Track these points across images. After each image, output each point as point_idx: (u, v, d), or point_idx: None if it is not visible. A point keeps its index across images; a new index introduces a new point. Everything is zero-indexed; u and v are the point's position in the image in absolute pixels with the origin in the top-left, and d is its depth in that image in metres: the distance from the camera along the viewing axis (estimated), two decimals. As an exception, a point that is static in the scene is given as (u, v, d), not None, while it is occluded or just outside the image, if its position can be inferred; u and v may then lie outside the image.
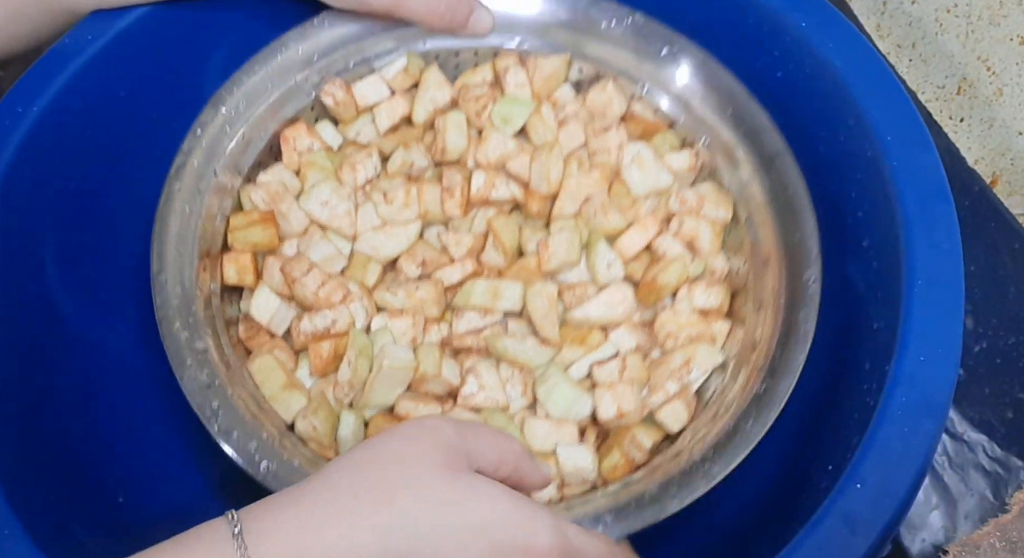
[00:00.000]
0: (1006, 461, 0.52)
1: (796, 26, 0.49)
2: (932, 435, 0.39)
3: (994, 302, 0.57)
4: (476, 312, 0.49)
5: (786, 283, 0.46)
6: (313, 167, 0.52)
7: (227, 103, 0.50)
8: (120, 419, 0.47)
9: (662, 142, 0.53)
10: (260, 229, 0.49)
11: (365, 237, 0.50)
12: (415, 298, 0.49)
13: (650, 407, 0.47)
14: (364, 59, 0.54)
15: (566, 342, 0.49)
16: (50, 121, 0.46)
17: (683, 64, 0.53)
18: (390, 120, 0.54)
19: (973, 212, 0.44)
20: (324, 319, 0.47)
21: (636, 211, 0.51)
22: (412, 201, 0.51)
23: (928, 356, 0.40)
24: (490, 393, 0.47)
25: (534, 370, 0.48)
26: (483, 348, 0.48)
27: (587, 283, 0.50)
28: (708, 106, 0.52)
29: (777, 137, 0.49)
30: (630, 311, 0.49)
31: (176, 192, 0.47)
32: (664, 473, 0.42)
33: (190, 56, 0.52)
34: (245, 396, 0.44)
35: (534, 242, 0.51)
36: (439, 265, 0.50)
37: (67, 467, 0.43)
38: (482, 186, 0.51)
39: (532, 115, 0.53)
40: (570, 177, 0.52)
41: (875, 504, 0.37)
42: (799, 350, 0.44)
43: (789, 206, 0.48)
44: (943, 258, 0.42)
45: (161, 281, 0.45)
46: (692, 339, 0.48)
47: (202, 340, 0.44)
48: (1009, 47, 0.66)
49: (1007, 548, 0.40)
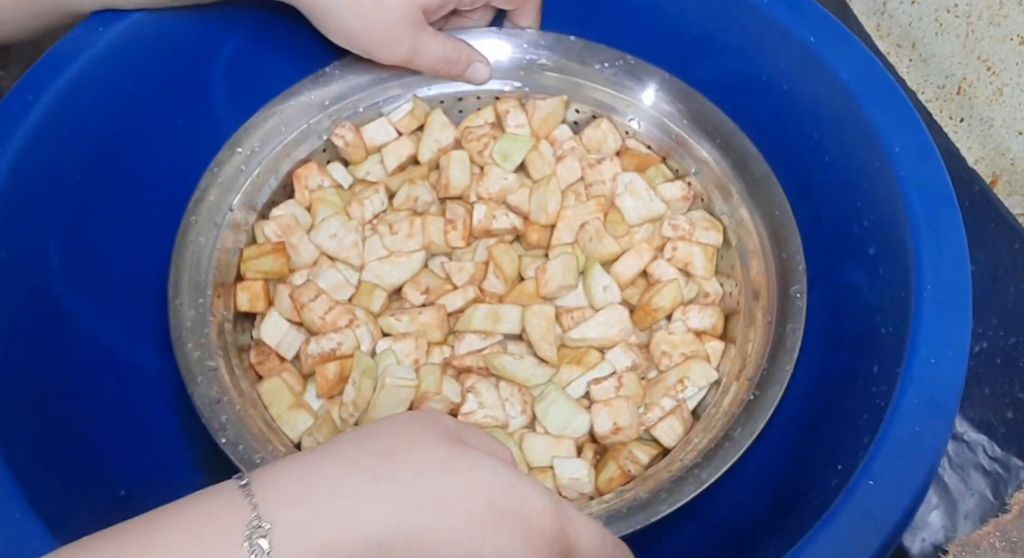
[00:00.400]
0: (1006, 461, 0.52)
1: (804, 39, 0.50)
2: (942, 434, 0.39)
3: (994, 302, 0.57)
4: (477, 335, 0.51)
5: (775, 299, 0.48)
6: (323, 203, 0.55)
7: (243, 144, 0.54)
8: (122, 416, 0.48)
9: (656, 174, 0.56)
10: (272, 259, 0.52)
11: (371, 267, 0.53)
12: (419, 323, 0.51)
13: (646, 424, 0.48)
14: (373, 104, 0.58)
15: (564, 362, 0.50)
16: (60, 113, 0.48)
17: (674, 101, 0.55)
18: (397, 160, 0.57)
19: (973, 212, 0.45)
20: (330, 342, 0.49)
21: (631, 238, 0.53)
22: (416, 232, 0.54)
23: (938, 358, 0.41)
24: (490, 411, 0.48)
25: (532, 389, 0.49)
26: (483, 369, 0.50)
27: (584, 307, 0.52)
28: (697, 138, 0.54)
29: (762, 163, 0.51)
30: (626, 332, 0.51)
31: (192, 224, 0.50)
32: (656, 481, 0.43)
33: (197, 55, 0.54)
34: (254, 415, 0.46)
35: (533, 269, 0.53)
36: (442, 292, 0.53)
37: (71, 459, 0.44)
38: (483, 217, 0.54)
39: (531, 151, 0.56)
40: (567, 208, 0.54)
41: (888, 499, 0.37)
42: (786, 360, 0.45)
43: (776, 227, 0.50)
44: (951, 264, 0.43)
45: (176, 305, 0.47)
46: (687, 357, 0.50)
47: (213, 360, 0.47)
48: (1009, 47, 0.65)
49: (1007, 548, 0.40)
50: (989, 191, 0.61)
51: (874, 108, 0.47)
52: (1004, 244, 0.59)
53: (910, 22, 0.73)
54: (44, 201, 0.48)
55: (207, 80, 0.54)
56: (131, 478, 0.45)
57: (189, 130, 0.53)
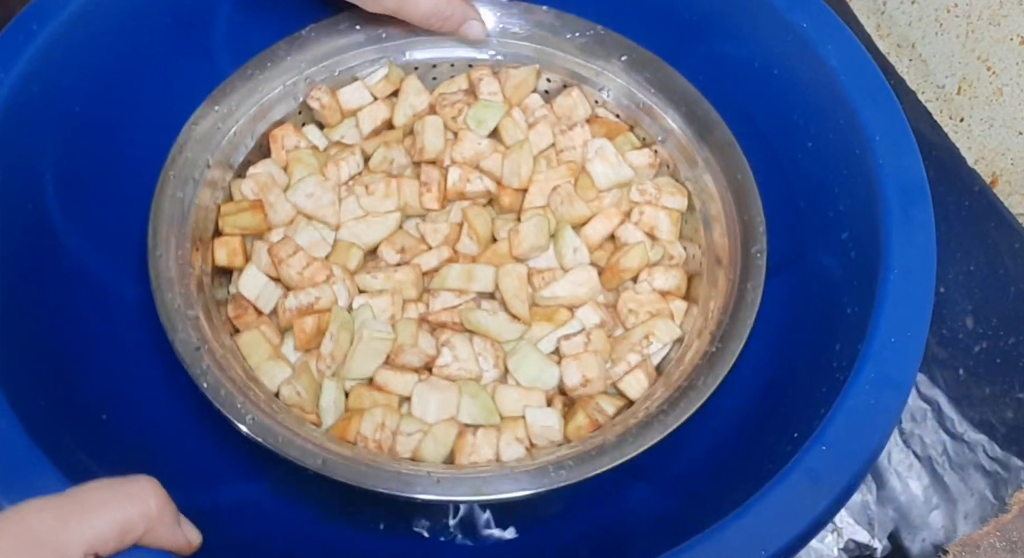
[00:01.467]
0: (1006, 461, 0.52)
1: (797, 26, 0.52)
2: (895, 408, 0.41)
3: (994, 302, 0.58)
4: (451, 293, 0.52)
5: (736, 258, 0.50)
6: (300, 163, 0.55)
7: (220, 103, 0.54)
8: (106, 342, 0.49)
9: (624, 142, 0.58)
10: (250, 215, 0.52)
11: (348, 226, 0.54)
12: (394, 280, 0.52)
13: (613, 378, 0.50)
14: (348, 69, 0.59)
15: (535, 320, 0.52)
16: (62, 42, 0.49)
17: (641, 70, 0.57)
18: (372, 123, 0.58)
19: (973, 212, 0.46)
20: (308, 296, 0.50)
21: (600, 202, 0.55)
22: (392, 193, 0.55)
23: (898, 337, 0.43)
24: (463, 364, 0.50)
25: (504, 344, 0.51)
26: (458, 324, 0.51)
27: (555, 268, 0.54)
28: (663, 107, 0.57)
29: (726, 130, 0.54)
30: (595, 291, 0.53)
31: (171, 178, 0.51)
32: (623, 427, 0.45)
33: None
34: (234, 363, 0.47)
35: (506, 231, 0.54)
36: (417, 252, 0.54)
37: (55, 378, 0.45)
38: (458, 180, 0.55)
39: (504, 118, 0.57)
40: (539, 173, 0.56)
41: (837, 463, 0.40)
42: (747, 315, 0.47)
43: (739, 191, 0.52)
44: (919, 252, 0.45)
45: (156, 255, 0.48)
46: (652, 315, 0.52)
47: (193, 310, 0.47)
48: (1009, 47, 0.66)
49: (1007, 548, 0.41)
50: (989, 191, 0.62)
51: (859, 97, 0.49)
52: (1004, 244, 0.60)
53: (910, 22, 0.73)
54: (43, 127, 0.48)
55: (210, 20, 0.55)
56: (113, 404, 0.47)
57: (187, 71, 0.54)
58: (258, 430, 0.43)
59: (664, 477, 0.49)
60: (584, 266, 0.53)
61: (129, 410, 0.49)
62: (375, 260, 0.55)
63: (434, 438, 0.47)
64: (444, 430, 0.47)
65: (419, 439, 0.47)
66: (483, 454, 0.46)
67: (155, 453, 0.49)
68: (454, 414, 0.48)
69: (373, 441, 0.46)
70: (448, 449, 0.47)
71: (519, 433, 0.47)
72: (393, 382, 0.49)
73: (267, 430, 0.43)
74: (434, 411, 0.48)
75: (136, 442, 0.48)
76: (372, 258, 0.55)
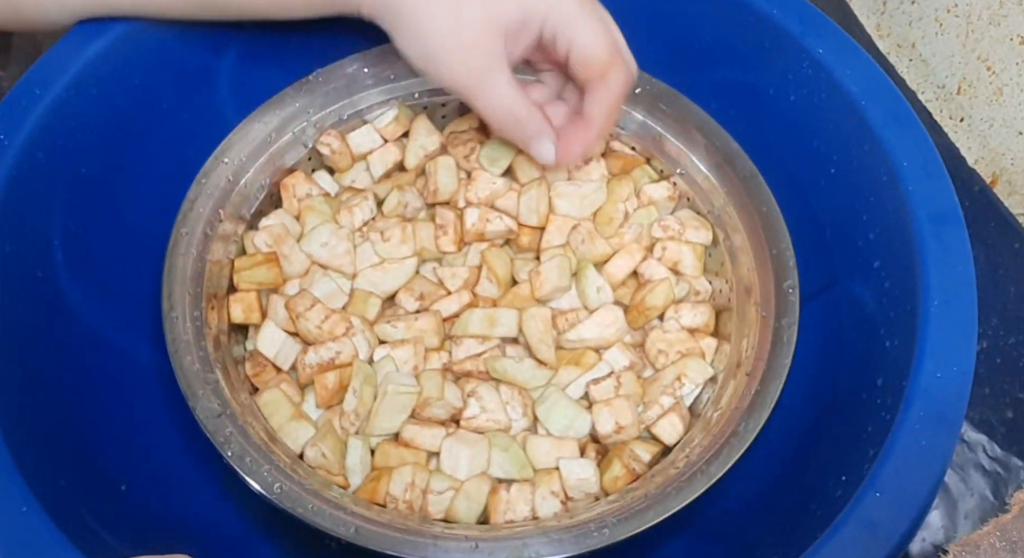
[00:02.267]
0: (1006, 461, 0.52)
1: (813, 51, 0.51)
2: (947, 447, 0.40)
3: (994, 302, 0.57)
4: (474, 339, 0.51)
5: (768, 295, 0.49)
6: (312, 211, 0.54)
7: (229, 154, 0.53)
8: (122, 410, 0.48)
9: (641, 175, 0.56)
10: (264, 269, 0.51)
11: (364, 274, 0.53)
12: (415, 329, 0.51)
13: (646, 422, 0.49)
14: (356, 112, 0.57)
15: (562, 364, 0.51)
16: (66, 106, 0.48)
17: (657, 102, 0.56)
18: (383, 166, 0.57)
19: (973, 212, 0.45)
20: (328, 351, 0.49)
21: (621, 238, 0.54)
22: (408, 238, 0.54)
23: (944, 373, 0.41)
24: (492, 415, 0.48)
25: (532, 391, 0.50)
26: (483, 372, 0.50)
27: (578, 309, 0.52)
28: (681, 139, 0.55)
29: (747, 161, 0.52)
30: (621, 331, 0.51)
31: (183, 236, 0.50)
32: (664, 477, 0.44)
33: (204, 50, 0.54)
34: (256, 426, 0.46)
35: (526, 272, 0.53)
36: (436, 298, 0.53)
37: (71, 452, 0.44)
38: (477, 221, 0.54)
39: (517, 155, 0.56)
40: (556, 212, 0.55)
41: (894, 511, 0.38)
42: (784, 355, 0.46)
43: (765, 223, 0.51)
44: (958, 280, 0.44)
45: (172, 318, 0.47)
46: (682, 355, 0.50)
47: (212, 372, 0.46)
48: (1009, 47, 0.65)
49: (1007, 548, 0.40)
50: (989, 191, 0.62)
51: (882, 122, 0.48)
52: (1004, 244, 0.59)
53: (910, 22, 0.73)
54: (49, 193, 0.47)
55: (213, 76, 0.54)
56: (133, 474, 0.45)
57: (193, 126, 0.53)
58: (287, 500, 0.42)
59: (706, 526, 0.47)
60: (609, 306, 0.52)
61: (148, 477, 0.47)
62: (393, 308, 0.53)
63: (467, 496, 0.45)
64: (476, 487, 0.46)
65: (451, 497, 0.45)
66: (519, 512, 0.45)
67: (175, 521, 0.47)
68: (485, 469, 0.47)
69: (404, 502, 0.45)
70: (482, 507, 0.45)
71: (554, 487, 0.46)
72: (420, 437, 0.47)
73: (296, 499, 0.42)
74: (465, 466, 0.46)
75: (157, 511, 0.47)
76: (390, 305, 0.54)
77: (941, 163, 0.48)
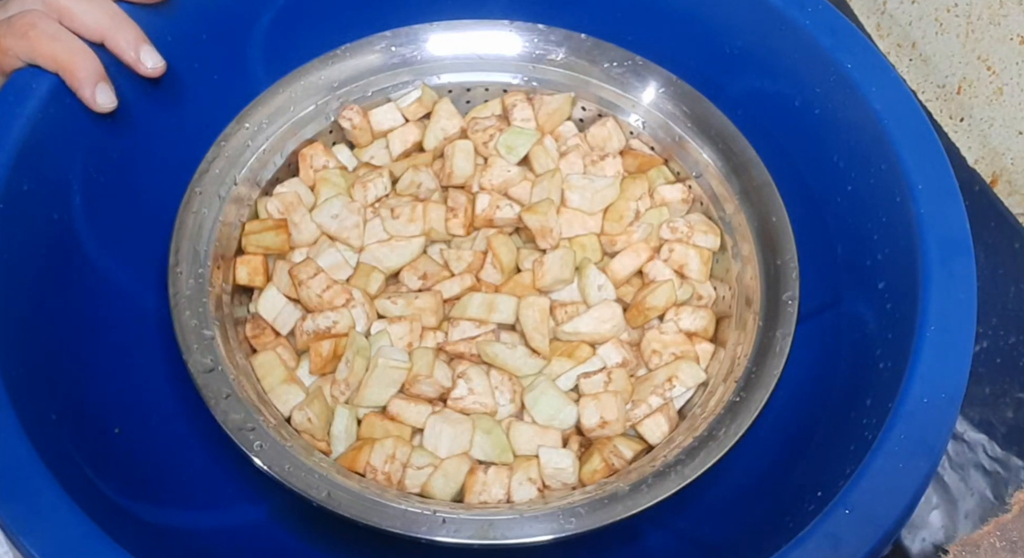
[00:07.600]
0: (1006, 461, 0.52)
1: (842, 66, 0.51)
2: (925, 473, 0.40)
3: (994, 302, 0.57)
4: (471, 322, 0.51)
5: (766, 304, 0.49)
6: (327, 183, 0.55)
7: (251, 119, 0.54)
8: (123, 356, 0.49)
9: (657, 175, 0.56)
10: (273, 234, 0.52)
11: (371, 249, 0.53)
12: (414, 307, 0.51)
13: (632, 420, 0.49)
14: (381, 89, 0.58)
15: (555, 355, 0.51)
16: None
17: (679, 103, 0.56)
18: (402, 145, 0.58)
19: (973, 212, 0.44)
20: (326, 320, 0.50)
21: (629, 236, 0.54)
22: (418, 217, 0.54)
23: (931, 398, 0.41)
24: (479, 398, 0.48)
25: (523, 379, 0.50)
26: (476, 356, 0.50)
27: (578, 302, 0.53)
28: (699, 142, 0.55)
29: (763, 169, 0.52)
30: (618, 328, 0.51)
31: (196, 194, 0.51)
32: (639, 474, 0.44)
33: (241, 12, 0.56)
34: (247, 386, 0.47)
35: (530, 261, 0.53)
36: (439, 279, 0.53)
37: (69, 392, 0.45)
38: (487, 206, 0.54)
39: (535, 145, 0.56)
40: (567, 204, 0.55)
41: (860, 530, 0.38)
42: (775, 365, 0.46)
43: (773, 234, 0.51)
44: (958, 309, 0.43)
45: (176, 273, 0.48)
46: (677, 357, 0.50)
47: (209, 329, 0.47)
48: (1009, 47, 0.65)
49: (1007, 548, 0.40)
50: (989, 191, 0.61)
51: (903, 142, 0.47)
52: (1004, 244, 0.59)
53: (910, 22, 0.73)
54: (73, 138, 0.49)
55: (247, 35, 0.55)
56: (127, 419, 0.46)
57: (221, 89, 0.54)
58: (266, 458, 0.42)
59: (682, 525, 0.47)
60: (609, 302, 0.52)
61: (140, 424, 0.48)
62: (396, 285, 0.54)
63: (444, 473, 0.46)
64: (455, 466, 0.46)
65: (429, 473, 0.46)
66: (494, 494, 0.45)
67: (163, 469, 0.48)
68: (466, 449, 0.47)
69: (382, 473, 0.45)
70: (458, 486, 0.46)
71: (531, 473, 0.46)
72: (406, 412, 0.48)
73: (275, 458, 0.43)
74: (446, 445, 0.47)
75: (146, 458, 0.48)
76: (394, 282, 0.54)
77: (957, 189, 0.47)
